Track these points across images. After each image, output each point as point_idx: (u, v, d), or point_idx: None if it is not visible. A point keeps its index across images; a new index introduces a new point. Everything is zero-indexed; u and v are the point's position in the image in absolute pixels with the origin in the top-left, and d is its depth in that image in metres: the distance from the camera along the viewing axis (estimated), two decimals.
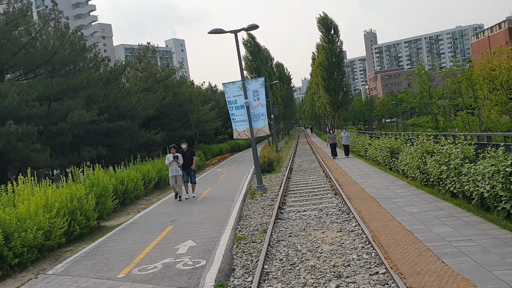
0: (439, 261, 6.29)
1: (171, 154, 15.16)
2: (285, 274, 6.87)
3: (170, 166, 15.10)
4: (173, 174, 15.09)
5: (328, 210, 11.46)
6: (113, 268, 7.94)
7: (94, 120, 24.91)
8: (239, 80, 16.27)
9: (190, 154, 15.84)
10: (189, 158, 15.68)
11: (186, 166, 15.52)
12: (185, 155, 15.55)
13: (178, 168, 15.04)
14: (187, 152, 15.84)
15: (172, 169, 15.06)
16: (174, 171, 15.03)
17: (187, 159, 15.53)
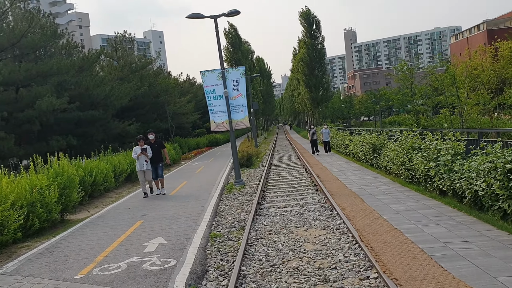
0: (436, 265, 5.65)
1: (139, 146, 13.78)
2: (265, 277, 6.14)
3: (137, 159, 13.76)
4: (142, 168, 13.77)
5: (310, 206, 10.78)
6: (71, 268, 7.07)
7: (65, 109, 23.69)
8: (218, 69, 15.41)
9: (158, 146, 14.38)
10: (157, 150, 14.26)
11: (153, 160, 14.04)
12: (152, 148, 14.11)
13: (145, 163, 13.70)
14: (155, 143, 14.35)
15: (140, 163, 13.75)
16: (143, 165, 13.74)
17: (154, 151, 14.11)
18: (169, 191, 15.08)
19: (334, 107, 73.36)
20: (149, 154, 13.77)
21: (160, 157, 14.31)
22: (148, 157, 13.75)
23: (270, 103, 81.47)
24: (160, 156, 14.34)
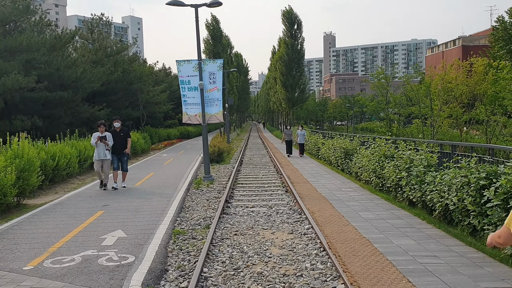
0: (405, 280, 5.48)
1: (99, 132, 12.61)
2: (227, 281, 5.84)
3: (96, 147, 12.58)
4: (100, 157, 12.50)
5: (279, 208, 10.54)
6: (20, 258, 6.59)
7: (33, 88, 22.76)
8: (195, 59, 14.98)
9: (124, 134, 13.15)
10: (122, 139, 13.02)
11: (117, 149, 12.92)
12: (117, 136, 12.92)
13: (107, 152, 12.57)
14: (120, 132, 13.10)
15: (98, 152, 12.52)
16: (101, 154, 12.50)
17: (119, 140, 12.90)
18: (135, 182, 14.59)
19: (308, 109, 73.74)
20: (109, 142, 12.59)
21: (125, 147, 13.15)
22: (108, 146, 12.60)
23: (245, 100, 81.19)
24: (125, 146, 13.18)
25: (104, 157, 12.55)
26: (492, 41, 30.35)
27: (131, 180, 15.17)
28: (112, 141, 12.65)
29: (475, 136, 27.36)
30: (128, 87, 33.75)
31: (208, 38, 43.96)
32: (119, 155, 13.03)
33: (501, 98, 21.94)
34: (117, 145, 12.84)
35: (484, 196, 6.77)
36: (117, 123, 13.20)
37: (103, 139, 12.46)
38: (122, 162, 13.20)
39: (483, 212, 6.80)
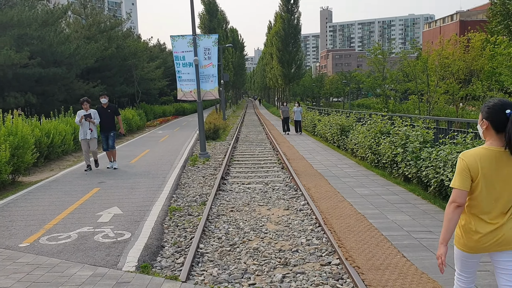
0: (399, 255, 5.52)
1: (83, 110, 11.83)
2: (223, 256, 5.87)
3: (81, 125, 11.82)
4: (85, 136, 11.78)
5: (275, 184, 10.57)
6: (16, 235, 6.59)
7: (25, 64, 22.45)
8: (189, 34, 14.76)
9: (111, 111, 12.32)
10: (109, 117, 12.22)
11: (104, 127, 12.20)
12: (104, 113, 12.10)
13: (89, 131, 11.76)
14: (107, 109, 12.26)
15: (83, 130, 11.80)
16: (87, 133, 11.76)
17: (106, 118, 12.11)
18: (130, 159, 14.57)
19: (305, 85, 73.41)
20: (95, 120, 11.82)
21: (112, 124, 12.37)
22: (95, 124, 11.85)
23: (241, 76, 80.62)
24: (113, 123, 12.42)
25: (90, 136, 11.83)
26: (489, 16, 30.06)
27: (126, 157, 15.15)
28: (98, 118, 11.93)
29: (471, 112, 27.37)
30: (122, 63, 33.38)
31: (203, 12, 43.29)
32: (107, 133, 12.32)
33: (498, 73, 21.88)
34: (104, 123, 12.12)
35: None
36: (104, 99, 12.40)
37: (88, 117, 11.72)
38: (109, 139, 12.36)
39: None
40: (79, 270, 5.15)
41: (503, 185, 2.93)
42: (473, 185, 2.96)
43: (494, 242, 2.95)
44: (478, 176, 2.92)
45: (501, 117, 2.88)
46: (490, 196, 2.95)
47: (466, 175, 2.94)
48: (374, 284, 4.69)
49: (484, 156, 2.94)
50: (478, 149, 3.00)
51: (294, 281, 5.02)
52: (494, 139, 2.96)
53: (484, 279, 4.74)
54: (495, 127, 2.94)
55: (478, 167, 2.93)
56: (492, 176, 2.92)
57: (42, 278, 4.92)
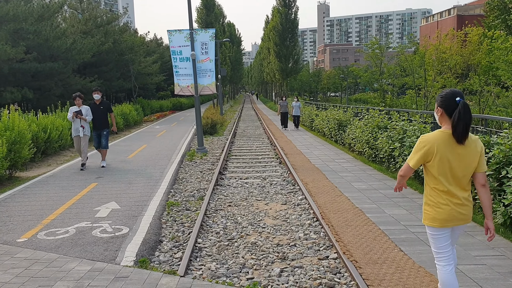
0: (397, 249, 5.55)
1: (76, 106, 11.39)
2: (221, 251, 5.89)
3: (73, 122, 11.38)
4: (77, 133, 11.37)
5: (272, 179, 10.58)
6: (14, 230, 6.59)
7: (22, 59, 22.36)
8: (186, 29, 14.71)
9: (104, 108, 11.83)
10: (102, 114, 11.75)
11: (97, 125, 11.71)
12: (97, 110, 11.64)
13: (81, 128, 11.32)
14: (100, 105, 11.77)
15: (75, 127, 11.36)
16: (79, 130, 11.34)
17: (99, 115, 11.65)
18: (128, 154, 14.56)
19: (302, 80, 73.24)
20: (87, 117, 11.35)
21: (105, 122, 11.83)
22: (86, 121, 11.40)
23: (238, 71, 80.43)
24: (106, 121, 11.87)
25: (82, 133, 11.38)
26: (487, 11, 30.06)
27: (124, 152, 15.14)
28: (90, 115, 11.47)
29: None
30: (119, 58, 33.28)
31: (200, 7, 43.13)
32: (99, 130, 11.78)
33: (495, 68, 21.89)
34: (96, 120, 11.64)
35: None
36: (96, 95, 11.83)
37: (79, 114, 11.27)
38: (102, 138, 11.86)
39: None
40: (77, 265, 5.16)
41: (458, 163, 3.38)
42: (432, 164, 3.41)
43: (457, 215, 3.43)
44: (435, 155, 3.37)
45: (452, 104, 3.34)
46: (448, 174, 3.40)
47: (420, 157, 3.43)
48: (371, 278, 4.71)
49: (440, 139, 3.38)
50: (435, 133, 3.43)
51: (292, 275, 5.04)
52: (448, 123, 3.41)
53: (481, 272, 4.77)
54: (448, 113, 3.38)
55: (435, 148, 3.38)
56: (448, 155, 3.37)
57: (40, 273, 4.92)
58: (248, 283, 4.83)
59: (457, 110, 3.30)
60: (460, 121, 3.29)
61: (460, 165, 3.38)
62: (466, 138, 3.35)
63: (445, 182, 3.41)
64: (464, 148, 3.37)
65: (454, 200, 3.42)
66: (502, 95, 22.52)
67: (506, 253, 5.29)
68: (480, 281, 4.54)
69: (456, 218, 3.44)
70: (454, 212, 3.42)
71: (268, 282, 4.84)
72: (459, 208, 3.42)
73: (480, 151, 3.42)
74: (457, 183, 3.42)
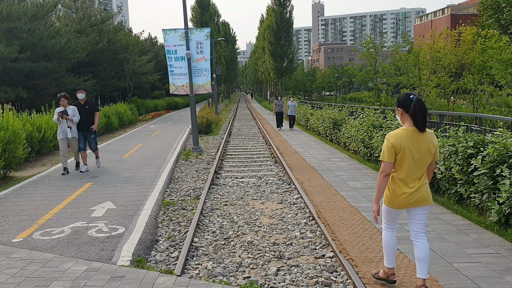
0: None
1: (62, 107, 10.85)
2: (218, 250, 5.89)
3: (59, 124, 10.79)
4: (64, 136, 10.77)
5: (268, 178, 10.59)
6: (9, 230, 6.56)
7: (16, 58, 22.25)
8: (181, 28, 14.68)
9: (89, 108, 11.17)
10: (87, 114, 11.09)
11: (82, 125, 11.05)
12: (81, 110, 10.99)
13: (68, 129, 10.75)
14: (84, 105, 11.18)
15: (62, 129, 10.79)
16: (66, 132, 10.78)
17: (84, 115, 11.00)
18: (123, 154, 14.53)
19: (297, 79, 73.36)
20: (74, 118, 10.75)
21: (92, 123, 11.25)
22: (73, 122, 10.79)
23: (233, 70, 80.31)
24: (92, 121, 11.27)
25: (70, 135, 10.81)
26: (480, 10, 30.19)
27: (119, 151, 15.10)
28: (77, 116, 10.85)
29: (462, 106, 27.55)
30: (113, 57, 33.18)
31: (195, 6, 43.05)
32: (85, 132, 11.20)
33: (489, 67, 22.00)
34: (81, 120, 10.98)
35: (471, 165, 6.85)
36: (80, 93, 11.20)
37: (65, 114, 10.69)
38: (90, 141, 11.38)
39: (470, 181, 6.89)
40: (73, 265, 5.15)
41: (419, 156, 3.96)
42: (398, 158, 3.98)
43: (413, 200, 4.05)
44: (401, 150, 3.93)
45: (408, 102, 3.93)
46: (410, 165, 3.97)
47: (392, 151, 3.97)
48: (368, 277, 4.73)
49: (404, 135, 3.94)
50: (400, 130, 4.00)
51: (288, 274, 5.05)
52: (409, 121, 3.97)
53: (477, 270, 4.80)
54: (407, 111, 3.95)
55: (402, 144, 3.92)
56: (411, 150, 3.93)
57: (36, 273, 4.91)
58: (245, 282, 4.83)
59: (413, 104, 3.89)
60: (416, 112, 3.87)
61: (421, 156, 3.96)
62: (425, 126, 3.92)
63: (408, 174, 3.99)
64: (424, 141, 3.95)
65: (408, 189, 4.01)
66: (496, 94, 22.63)
67: (500, 251, 5.33)
68: (475, 279, 4.58)
69: (409, 203, 4.07)
70: (409, 198, 4.03)
71: (264, 281, 4.85)
72: (413, 194, 4.01)
73: (436, 144, 4.03)
74: (416, 174, 4.01)
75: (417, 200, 4.05)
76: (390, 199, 4.15)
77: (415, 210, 4.16)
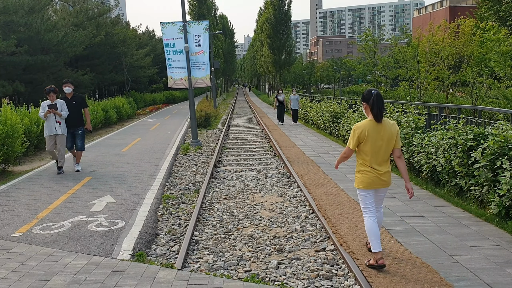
0: (393, 240, 5.57)
1: (49, 101, 10.00)
2: (218, 243, 5.88)
3: (46, 120, 9.94)
4: (52, 133, 9.91)
5: (267, 172, 10.58)
6: (9, 224, 6.54)
7: (13, 52, 22.11)
8: (179, 21, 14.59)
9: (77, 103, 10.37)
10: (75, 110, 10.30)
11: (69, 122, 10.20)
12: (68, 105, 10.15)
13: (57, 125, 9.92)
14: (72, 100, 10.34)
15: (49, 125, 9.92)
16: (53, 127, 9.91)
17: (72, 111, 10.18)
18: (122, 148, 14.49)
19: (295, 72, 73.15)
20: (63, 113, 9.96)
21: (79, 119, 10.42)
22: (62, 117, 9.99)
23: (231, 63, 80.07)
24: (80, 118, 10.45)
25: (58, 131, 9.95)
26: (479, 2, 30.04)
27: (118, 145, 15.07)
28: (66, 110, 10.03)
29: (460, 98, 27.51)
30: (111, 51, 33.01)
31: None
32: (73, 129, 10.37)
33: (488, 59, 21.94)
34: (68, 116, 10.16)
35: (471, 157, 6.84)
36: (67, 87, 10.32)
37: (53, 108, 9.85)
38: (77, 138, 10.47)
39: (470, 173, 6.89)
40: (73, 259, 5.13)
41: (381, 143, 4.60)
42: (363, 145, 4.64)
43: (380, 181, 4.68)
44: (365, 138, 4.59)
45: (370, 96, 4.55)
46: (374, 151, 4.62)
47: (356, 140, 4.65)
48: (369, 270, 4.73)
49: (368, 126, 4.59)
50: (365, 121, 4.65)
51: (289, 267, 5.05)
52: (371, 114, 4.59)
53: (478, 262, 4.81)
54: (369, 104, 4.56)
55: (366, 133, 4.59)
56: (374, 138, 4.58)
57: (36, 268, 4.89)
58: (246, 275, 4.83)
59: (372, 98, 4.52)
60: (374, 105, 4.51)
61: (382, 144, 4.60)
62: (381, 117, 4.55)
63: (373, 158, 4.63)
64: (385, 131, 4.58)
65: (376, 171, 4.64)
66: (494, 86, 22.59)
67: (501, 243, 5.33)
68: (476, 271, 4.58)
69: (377, 183, 4.69)
70: (376, 179, 4.66)
71: (266, 274, 4.84)
72: (380, 176, 4.66)
73: (396, 132, 4.65)
74: (380, 158, 4.65)
75: (383, 182, 4.70)
76: (362, 181, 4.74)
77: (379, 191, 4.83)
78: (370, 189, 4.73)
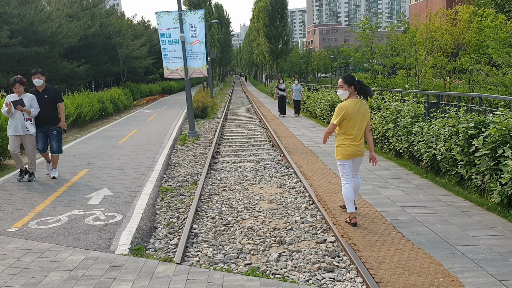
0: (394, 231, 5.50)
1: (15, 94, 8.39)
2: (218, 236, 5.80)
3: (10, 117, 8.33)
4: (17, 132, 8.32)
5: (266, 162, 10.49)
6: (4, 219, 6.44)
7: (6, 44, 21.85)
8: (175, 10, 14.39)
9: (49, 97, 8.65)
10: (47, 105, 8.59)
11: (41, 120, 8.57)
12: (40, 100, 8.50)
13: (27, 122, 8.33)
14: (43, 93, 8.62)
15: (14, 123, 8.32)
16: (19, 126, 8.30)
17: (44, 106, 8.51)
18: (118, 139, 14.37)
19: (292, 61, 72.83)
20: (32, 110, 8.32)
21: (53, 116, 8.74)
22: (31, 115, 8.37)
23: (227, 53, 79.62)
24: (54, 114, 8.78)
25: (24, 131, 8.36)
26: None
27: (114, 137, 14.95)
28: (37, 107, 8.42)
29: (458, 86, 27.40)
30: (106, 41, 32.70)
31: None
32: (45, 128, 8.73)
33: (485, 46, 21.81)
34: (39, 113, 8.50)
35: (472, 146, 6.76)
36: (37, 79, 8.61)
37: (19, 104, 8.19)
38: (51, 139, 8.82)
39: (471, 162, 6.81)
40: (70, 255, 5.05)
41: (361, 120, 5.59)
42: (346, 122, 5.54)
43: (358, 151, 5.65)
44: (349, 116, 5.50)
45: (355, 82, 5.58)
46: (354, 127, 5.56)
47: (340, 118, 5.53)
48: (371, 261, 4.66)
49: (351, 105, 5.53)
50: (347, 101, 5.58)
51: (290, 260, 4.97)
52: (354, 96, 5.61)
53: (481, 253, 4.74)
54: (355, 88, 5.57)
55: (349, 111, 5.50)
56: (355, 115, 5.53)
57: (33, 264, 4.81)
58: (246, 268, 4.75)
59: (359, 84, 5.58)
60: (362, 89, 5.57)
61: (361, 120, 5.60)
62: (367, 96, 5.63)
63: (352, 131, 5.56)
64: (363, 108, 5.59)
65: (355, 143, 5.58)
66: (492, 73, 22.48)
67: (504, 233, 5.27)
68: (480, 262, 4.52)
69: (355, 154, 5.64)
70: (354, 150, 5.61)
71: (266, 267, 4.77)
72: (357, 147, 5.61)
73: (368, 110, 5.69)
74: (358, 132, 5.60)
75: (359, 152, 5.67)
76: (343, 153, 5.66)
77: (356, 160, 5.82)
78: (349, 160, 5.68)
